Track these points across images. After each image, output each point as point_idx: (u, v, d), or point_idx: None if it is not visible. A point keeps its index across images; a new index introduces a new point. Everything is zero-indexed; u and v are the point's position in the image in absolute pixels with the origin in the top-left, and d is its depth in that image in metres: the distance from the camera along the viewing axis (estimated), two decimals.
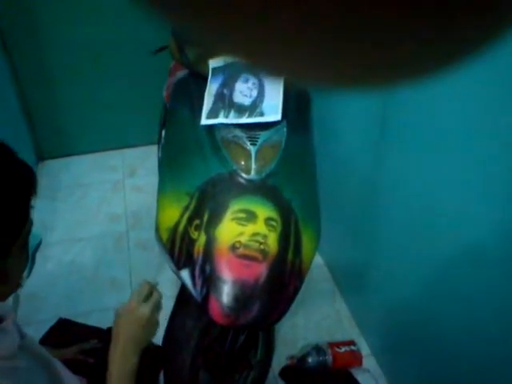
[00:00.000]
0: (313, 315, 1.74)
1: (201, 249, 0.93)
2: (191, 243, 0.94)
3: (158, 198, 1.06)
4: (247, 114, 1.01)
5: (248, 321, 0.89)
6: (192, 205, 0.97)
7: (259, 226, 0.92)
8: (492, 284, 0.98)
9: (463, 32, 0.12)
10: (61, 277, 1.86)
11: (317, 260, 1.93)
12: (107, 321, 1.63)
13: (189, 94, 1.16)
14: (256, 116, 1.00)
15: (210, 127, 1.04)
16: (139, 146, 2.64)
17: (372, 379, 1.52)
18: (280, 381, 1.52)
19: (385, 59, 0.13)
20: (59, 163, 2.55)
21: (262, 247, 0.91)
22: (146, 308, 0.84)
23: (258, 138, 1.00)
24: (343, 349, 1.55)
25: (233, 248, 0.90)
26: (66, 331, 1.50)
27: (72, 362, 1.19)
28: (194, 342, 1.10)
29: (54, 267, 1.89)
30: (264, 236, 0.92)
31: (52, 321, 1.48)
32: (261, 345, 1.33)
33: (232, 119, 1.01)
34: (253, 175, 0.97)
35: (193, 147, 1.05)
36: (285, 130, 1.05)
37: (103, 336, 1.37)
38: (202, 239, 0.93)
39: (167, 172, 1.09)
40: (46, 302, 1.74)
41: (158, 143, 1.71)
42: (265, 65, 0.15)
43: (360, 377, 1.53)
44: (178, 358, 1.13)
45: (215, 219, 0.94)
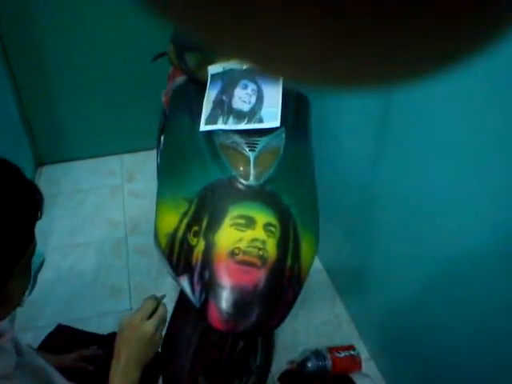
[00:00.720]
0: (312, 320, 1.74)
1: (200, 255, 0.93)
2: (190, 249, 0.94)
3: (157, 204, 1.05)
4: (246, 120, 1.01)
5: (247, 327, 0.89)
6: (191, 211, 0.97)
7: (258, 232, 0.92)
8: (490, 286, 0.98)
9: (462, 32, 0.12)
10: (59, 282, 1.86)
11: (316, 265, 1.93)
12: (106, 326, 1.64)
13: (188, 100, 1.16)
14: (255, 122, 1.00)
15: (209, 133, 1.04)
16: (138, 152, 2.64)
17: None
18: None
19: (385, 59, 0.13)
20: (58, 168, 2.55)
21: (261, 253, 0.91)
22: (150, 326, 0.83)
23: (257, 144, 1.01)
24: (343, 354, 1.55)
25: (232, 254, 0.90)
26: (65, 337, 1.50)
27: (72, 370, 1.19)
28: (193, 348, 1.10)
29: (53, 273, 1.88)
30: (263, 242, 0.92)
31: (51, 327, 1.48)
32: (260, 350, 1.33)
33: (231, 125, 1.02)
34: (251, 181, 0.97)
35: (192, 153, 1.05)
36: (283, 136, 1.05)
37: (103, 342, 1.36)
38: (201, 245, 0.93)
39: (166, 178, 1.09)
40: (45, 308, 1.73)
41: (157, 149, 1.72)
42: (264, 66, 0.15)
43: (360, 382, 1.52)
44: (177, 364, 1.13)
45: (214, 225, 0.94)
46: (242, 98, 1.02)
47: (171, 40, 1.26)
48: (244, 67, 1.03)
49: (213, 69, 1.07)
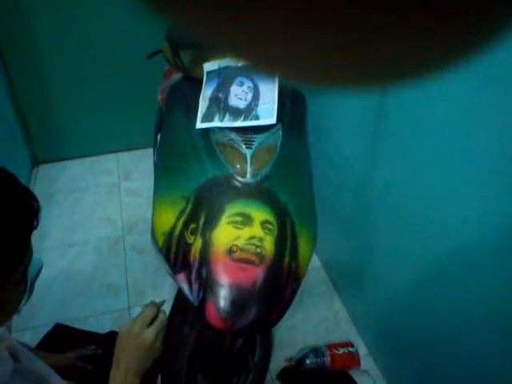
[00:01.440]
0: (311, 317, 1.74)
1: (197, 253, 0.92)
2: (187, 247, 0.94)
3: (154, 202, 1.05)
4: (242, 118, 1.01)
5: (245, 324, 0.89)
6: (188, 209, 0.97)
7: (255, 230, 0.92)
8: (488, 283, 0.99)
9: (462, 32, 0.12)
10: (56, 282, 1.86)
11: (314, 262, 1.93)
12: (104, 325, 1.64)
13: (184, 98, 1.16)
14: (251, 119, 1.00)
15: (206, 131, 1.04)
16: (134, 150, 2.63)
17: (370, 380, 1.53)
18: (278, 383, 1.52)
19: (385, 60, 0.13)
20: (54, 167, 2.55)
21: (259, 250, 0.91)
22: (150, 334, 0.83)
23: (254, 142, 1.00)
24: (341, 350, 1.55)
25: (229, 252, 0.90)
26: (63, 336, 1.49)
27: (71, 369, 1.18)
28: (191, 346, 1.10)
29: (50, 272, 1.88)
30: (260, 239, 0.92)
31: (48, 326, 1.48)
32: (258, 348, 1.33)
33: (227, 123, 1.01)
34: (248, 178, 0.96)
35: (188, 151, 1.05)
36: (280, 133, 1.04)
37: (101, 341, 1.36)
38: (198, 243, 0.93)
39: (163, 176, 1.09)
40: (42, 308, 1.73)
41: (154, 147, 1.71)
42: (263, 65, 0.15)
43: (358, 378, 1.53)
44: (175, 362, 1.13)
45: (211, 223, 0.93)
46: (238, 96, 1.02)
47: (166, 37, 1.25)
48: (240, 64, 1.03)
49: (208, 66, 1.07)
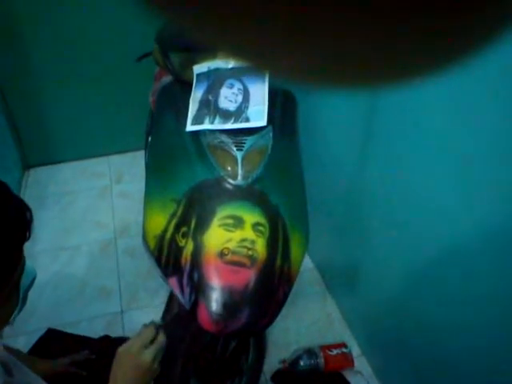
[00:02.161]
0: (304, 318, 1.74)
1: (188, 256, 0.92)
2: (179, 251, 0.93)
3: (145, 206, 1.05)
4: (233, 120, 1.00)
5: (238, 327, 0.89)
6: (179, 212, 0.96)
7: (247, 232, 0.92)
8: (479, 284, 0.99)
9: (462, 32, 0.12)
10: (48, 286, 1.84)
11: (307, 263, 1.93)
12: (97, 329, 1.63)
13: (174, 101, 1.15)
14: (241, 121, 1.00)
15: (196, 133, 1.03)
16: (126, 152, 2.62)
17: (363, 381, 1.53)
18: None
19: (385, 60, 0.13)
20: (45, 171, 2.53)
21: (251, 253, 0.90)
22: (148, 355, 0.81)
23: (244, 144, 1.00)
24: (335, 351, 1.55)
25: (221, 254, 0.90)
26: (56, 342, 1.48)
27: (64, 375, 1.17)
28: (184, 350, 1.10)
29: (42, 276, 1.85)
30: (252, 241, 0.91)
31: (41, 331, 1.47)
32: (252, 350, 1.33)
33: (217, 125, 1.01)
34: (239, 181, 0.96)
35: (179, 154, 1.04)
36: (271, 135, 1.04)
37: (94, 346, 1.35)
38: (190, 246, 0.92)
39: (153, 179, 1.09)
40: (35, 312, 1.71)
41: (146, 149, 1.70)
42: (261, 64, 0.15)
43: (352, 379, 1.53)
44: (169, 366, 1.12)
45: (203, 226, 0.93)
46: (228, 98, 1.01)
47: (156, 40, 1.25)
48: (230, 66, 1.03)
49: (198, 68, 1.07)
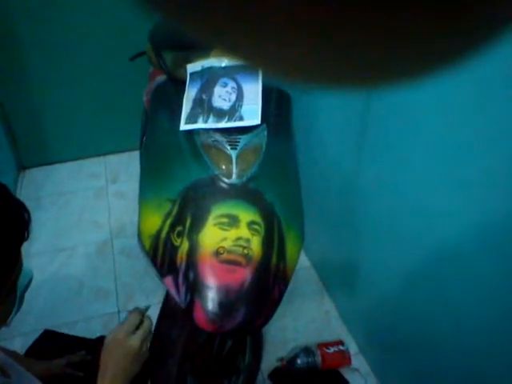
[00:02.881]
0: (301, 316, 1.74)
1: (184, 255, 0.92)
2: (174, 250, 0.93)
3: (140, 205, 1.04)
4: (226, 119, 1.00)
5: (234, 326, 0.89)
6: (174, 211, 0.96)
7: (242, 231, 0.92)
8: (477, 282, 0.99)
9: (461, 33, 0.12)
10: (45, 287, 1.84)
11: (304, 261, 1.94)
12: (94, 330, 1.62)
13: (168, 100, 1.15)
14: (235, 120, 1.00)
15: (190, 132, 1.03)
16: (121, 152, 2.62)
17: (361, 378, 1.53)
18: (270, 383, 1.51)
19: (384, 60, 0.13)
20: (41, 172, 2.52)
21: (246, 252, 0.90)
22: (135, 340, 0.81)
23: (239, 142, 1.00)
24: (332, 349, 1.55)
25: (216, 253, 0.90)
26: (52, 343, 1.48)
27: (61, 377, 1.17)
28: (181, 349, 1.10)
29: (38, 277, 1.84)
30: (247, 240, 0.91)
31: (37, 332, 1.47)
32: (249, 349, 1.33)
33: (211, 124, 1.01)
34: (234, 179, 0.96)
35: (173, 153, 1.04)
36: (265, 134, 1.04)
37: (91, 346, 1.35)
38: (185, 245, 0.92)
39: (148, 178, 1.08)
40: (31, 314, 1.70)
41: (140, 149, 1.70)
42: (258, 64, 0.15)
43: (349, 376, 1.53)
44: (165, 366, 1.12)
45: (198, 225, 0.93)
46: (222, 96, 1.01)
47: (149, 39, 1.24)
48: (223, 65, 1.03)
49: (191, 67, 1.06)
